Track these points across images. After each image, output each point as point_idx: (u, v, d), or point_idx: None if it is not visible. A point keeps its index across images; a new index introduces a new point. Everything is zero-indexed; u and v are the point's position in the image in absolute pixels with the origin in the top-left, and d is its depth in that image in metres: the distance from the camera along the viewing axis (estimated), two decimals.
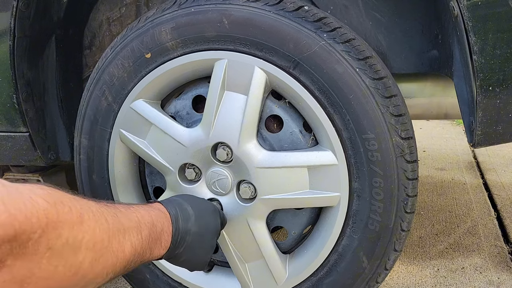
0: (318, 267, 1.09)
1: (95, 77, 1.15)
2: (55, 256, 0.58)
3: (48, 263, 0.58)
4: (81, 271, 0.63)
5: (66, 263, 0.60)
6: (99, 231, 0.66)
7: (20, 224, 0.53)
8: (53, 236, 0.57)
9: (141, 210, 0.83)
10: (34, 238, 0.55)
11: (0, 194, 0.52)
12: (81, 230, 0.62)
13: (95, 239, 0.65)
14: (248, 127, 1.04)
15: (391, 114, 0.98)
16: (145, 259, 0.81)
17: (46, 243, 0.56)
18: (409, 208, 1.02)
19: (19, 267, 0.54)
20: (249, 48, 1.01)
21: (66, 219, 0.60)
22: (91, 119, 1.18)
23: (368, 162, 0.99)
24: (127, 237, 0.73)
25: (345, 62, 0.97)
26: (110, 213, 0.72)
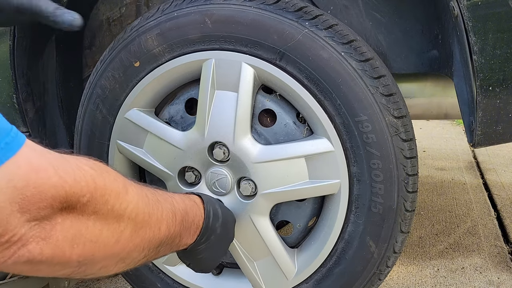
0: (327, 257, 1.09)
1: (88, 92, 1.17)
2: (100, 220, 0.61)
3: (94, 225, 0.60)
4: (122, 240, 0.66)
5: (110, 228, 0.63)
6: (141, 204, 0.69)
7: (70, 186, 0.55)
8: (100, 201, 0.60)
9: (176, 197, 0.86)
10: (82, 201, 0.58)
11: (49, 159, 0.55)
12: (125, 199, 0.65)
13: (137, 211, 0.68)
14: (242, 123, 1.04)
15: (381, 94, 0.98)
16: (174, 245, 0.83)
17: (93, 207, 0.59)
18: (410, 187, 1.01)
19: (68, 226, 0.57)
20: (234, 45, 1.02)
21: (112, 187, 0.63)
22: (88, 134, 1.19)
23: (364, 145, 0.99)
24: (164, 216, 0.76)
25: (329, 48, 0.97)
26: (150, 190, 0.75)
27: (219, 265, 1.25)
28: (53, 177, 0.54)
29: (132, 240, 0.68)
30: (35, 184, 0.53)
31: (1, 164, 0.50)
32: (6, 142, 0.51)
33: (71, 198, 0.56)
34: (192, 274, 1.23)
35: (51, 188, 0.54)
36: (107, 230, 0.63)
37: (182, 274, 1.23)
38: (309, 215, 1.13)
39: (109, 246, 0.64)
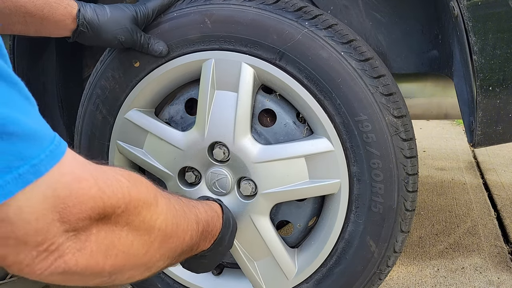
0: (327, 257, 1.09)
1: (88, 92, 1.17)
2: (132, 231, 0.62)
3: (126, 237, 0.61)
4: (151, 250, 0.66)
5: (141, 239, 0.64)
6: (169, 215, 0.70)
7: (108, 197, 0.56)
8: (133, 212, 0.61)
9: (200, 207, 0.87)
10: (117, 212, 0.59)
11: (90, 169, 0.56)
12: (156, 211, 0.66)
13: (167, 222, 0.69)
14: (241, 123, 1.04)
15: (381, 94, 0.98)
16: (192, 252, 0.84)
17: (126, 218, 0.60)
18: (410, 186, 1.01)
19: (103, 237, 0.58)
20: (233, 45, 1.02)
21: (145, 198, 0.64)
22: (88, 134, 1.19)
23: (364, 144, 0.99)
24: (189, 227, 0.77)
25: (329, 47, 0.97)
26: (176, 200, 0.76)
27: (219, 265, 1.25)
28: (93, 188, 0.54)
29: (159, 251, 0.69)
30: (77, 194, 0.53)
31: (47, 171, 0.50)
32: (51, 149, 0.51)
33: (108, 209, 0.57)
34: (193, 274, 1.23)
35: (91, 199, 0.54)
36: (138, 241, 0.63)
37: (182, 275, 1.23)
38: (309, 215, 1.13)
39: (139, 257, 0.64)
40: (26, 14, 0.88)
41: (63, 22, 0.93)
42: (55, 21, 0.92)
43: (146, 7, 1.02)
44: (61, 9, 0.92)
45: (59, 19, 0.92)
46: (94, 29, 0.96)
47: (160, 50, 1.04)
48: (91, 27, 0.95)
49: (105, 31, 0.97)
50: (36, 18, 0.89)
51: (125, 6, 1.00)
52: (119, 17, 0.97)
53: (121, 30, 0.98)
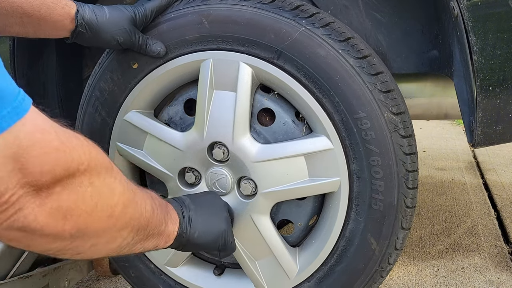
0: (328, 255, 1.09)
1: (87, 95, 1.17)
2: (95, 193, 0.63)
3: (90, 198, 0.62)
4: (115, 214, 0.67)
5: (104, 202, 0.65)
6: (125, 183, 0.71)
7: (70, 151, 0.58)
8: (95, 172, 0.63)
9: (145, 188, 0.86)
10: (80, 170, 0.60)
11: (52, 124, 0.57)
12: (112, 175, 0.68)
13: (124, 188, 0.70)
14: (240, 123, 1.04)
15: (379, 91, 0.98)
16: (162, 230, 0.84)
17: (89, 178, 0.61)
18: (410, 183, 1.01)
19: (66, 197, 0.59)
20: (231, 45, 1.02)
21: (104, 160, 0.66)
22: (88, 136, 1.17)
23: (363, 142, 0.99)
24: (145, 197, 0.78)
25: (326, 45, 0.97)
26: (124, 178, 0.76)
27: (220, 265, 1.25)
28: (55, 141, 0.56)
29: (123, 216, 0.69)
30: (40, 145, 0.54)
31: (9, 126, 0.51)
32: (14, 106, 0.52)
33: (71, 164, 0.58)
34: (194, 275, 1.23)
35: (54, 150, 0.55)
36: (102, 203, 0.64)
37: (183, 275, 1.23)
38: (310, 213, 1.13)
39: (102, 219, 0.65)
40: (23, 14, 0.88)
41: (61, 23, 0.93)
42: (53, 21, 0.92)
43: (145, 8, 1.02)
44: (58, 9, 0.92)
45: (57, 19, 0.92)
46: (92, 30, 0.96)
47: (158, 51, 1.04)
48: (89, 28, 0.95)
49: (103, 32, 0.97)
50: (33, 19, 0.90)
51: (123, 7, 1.00)
52: (117, 18, 0.97)
53: (120, 31, 0.98)
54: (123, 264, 1.27)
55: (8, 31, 0.91)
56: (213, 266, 1.25)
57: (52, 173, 0.56)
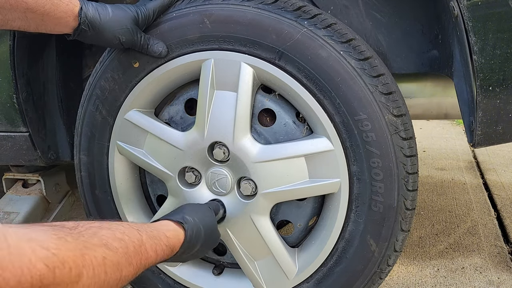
0: (327, 256, 1.09)
1: (88, 93, 1.17)
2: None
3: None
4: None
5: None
6: (93, 285, 0.64)
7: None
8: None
9: (152, 253, 0.79)
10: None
11: (1, 253, 0.52)
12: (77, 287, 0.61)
13: None
14: (241, 123, 1.04)
15: (380, 93, 0.98)
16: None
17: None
18: (410, 185, 1.01)
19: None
20: (233, 45, 1.02)
21: (62, 280, 0.58)
22: (88, 135, 1.19)
23: (364, 143, 0.99)
24: (122, 281, 0.72)
25: (328, 47, 0.97)
26: (114, 262, 0.70)
27: (219, 265, 1.25)
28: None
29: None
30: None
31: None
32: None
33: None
34: (193, 274, 1.23)
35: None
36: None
37: (183, 275, 1.23)
38: (310, 214, 1.13)
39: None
40: (27, 10, 0.88)
41: (64, 20, 0.93)
42: (56, 18, 0.92)
43: (147, 8, 1.02)
44: (62, 6, 0.91)
45: (61, 16, 0.92)
46: (95, 28, 0.96)
47: (160, 51, 1.04)
48: (92, 26, 0.95)
49: (106, 31, 0.97)
50: (37, 14, 0.89)
51: (126, 6, 1.00)
52: (120, 17, 0.97)
53: (122, 30, 0.98)
54: None
55: (10, 25, 0.90)
56: (212, 266, 1.25)
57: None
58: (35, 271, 0.54)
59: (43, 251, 0.56)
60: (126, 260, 0.72)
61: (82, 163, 1.22)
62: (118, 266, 0.70)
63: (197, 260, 1.26)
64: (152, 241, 0.80)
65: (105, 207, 1.23)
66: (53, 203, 1.60)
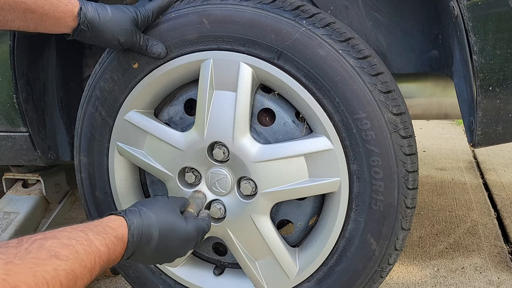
0: (328, 255, 1.09)
1: (87, 94, 1.17)
2: None
3: None
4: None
5: None
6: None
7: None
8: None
9: (102, 247, 0.77)
10: None
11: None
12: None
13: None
14: (241, 123, 1.04)
15: (379, 91, 0.98)
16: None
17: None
18: (410, 184, 1.01)
19: None
20: (232, 45, 1.02)
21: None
22: (88, 136, 1.19)
23: (363, 142, 0.99)
24: (80, 286, 0.71)
25: (327, 46, 0.97)
26: (67, 271, 0.68)
27: (220, 265, 1.25)
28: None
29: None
30: None
31: None
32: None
33: None
34: (194, 275, 1.23)
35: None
36: None
37: (183, 275, 1.23)
38: (310, 213, 1.13)
39: None
40: (26, 10, 0.88)
41: (64, 20, 0.93)
42: (56, 18, 0.92)
43: (146, 9, 1.02)
44: (62, 6, 0.91)
45: (60, 16, 0.92)
46: (94, 28, 0.96)
47: (159, 52, 1.05)
48: (91, 26, 0.95)
49: (105, 31, 0.97)
50: (36, 15, 0.89)
51: (125, 7, 1.00)
52: (120, 18, 0.97)
53: (122, 31, 0.98)
54: (123, 264, 1.27)
55: (10, 26, 0.90)
56: (213, 266, 1.25)
57: None
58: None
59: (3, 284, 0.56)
60: (80, 265, 0.71)
61: (82, 164, 1.22)
62: (72, 273, 0.69)
63: (198, 260, 1.26)
64: (99, 237, 0.79)
65: (105, 208, 1.23)
66: (53, 203, 1.60)
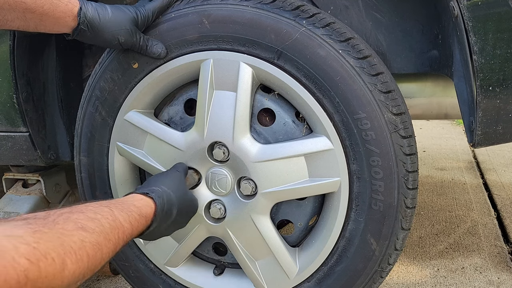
0: (328, 255, 1.09)
1: (87, 94, 1.17)
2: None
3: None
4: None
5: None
6: (79, 270, 0.66)
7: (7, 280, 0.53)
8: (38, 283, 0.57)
9: (126, 224, 0.81)
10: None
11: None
12: (62, 276, 0.62)
13: (75, 278, 0.65)
14: (241, 123, 1.04)
15: (379, 91, 0.98)
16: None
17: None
18: (410, 183, 1.01)
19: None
20: (232, 45, 1.02)
21: (48, 272, 0.60)
22: (88, 136, 1.19)
23: (363, 142, 0.99)
24: (104, 258, 0.73)
25: (327, 46, 0.97)
26: (93, 243, 0.71)
27: (220, 265, 1.25)
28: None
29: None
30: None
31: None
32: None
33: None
34: (194, 275, 1.23)
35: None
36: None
37: (183, 275, 1.23)
38: (310, 213, 1.13)
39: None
40: (26, 10, 0.88)
41: (63, 20, 0.93)
42: (55, 18, 0.92)
43: (146, 9, 1.02)
44: (62, 6, 0.91)
45: (59, 16, 0.92)
46: (94, 28, 0.96)
47: (159, 52, 1.05)
48: (91, 26, 0.95)
49: (105, 31, 0.97)
50: (36, 15, 0.89)
51: (125, 7, 1.00)
52: (120, 18, 0.97)
53: (122, 31, 0.98)
54: (123, 264, 1.27)
55: (9, 25, 0.90)
56: (213, 266, 1.25)
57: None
58: (19, 267, 0.55)
59: (23, 247, 0.57)
60: (105, 238, 0.74)
61: (82, 164, 1.22)
62: (98, 245, 0.72)
63: (198, 260, 1.26)
64: (124, 214, 0.82)
65: None
66: (53, 203, 1.59)
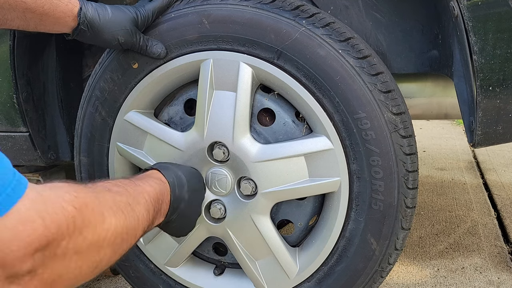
0: (328, 255, 1.09)
1: (87, 94, 1.17)
2: (81, 258, 0.62)
3: (75, 265, 0.61)
4: (101, 265, 0.67)
5: (90, 261, 0.64)
6: (118, 225, 0.70)
7: (53, 234, 0.56)
8: (80, 240, 0.61)
9: (147, 187, 0.86)
10: (63, 245, 0.58)
11: (38, 208, 0.55)
12: (103, 228, 0.66)
13: (116, 234, 0.69)
14: (241, 123, 1.04)
15: (379, 91, 0.98)
16: (147, 231, 0.85)
17: (73, 247, 0.60)
18: (410, 183, 1.01)
19: (49, 273, 0.57)
20: (231, 45, 1.02)
21: (90, 221, 0.63)
22: (88, 136, 1.19)
23: (363, 142, 0.99)
24: (140, 222, 0.77)
25: (327, 45, 0.97)
26: (124, 202, 0.74)
27: (220, 265, 1.25)
28: (39, 229, 0.54)
29: (110, 262, 0.69)
30: (21, 237, 0.53)
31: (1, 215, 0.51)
32: (7, 193, 0.52)
33: (52, 243, 0.56)
34: (194, 275, 1.23)
35: (35, 240, 0.54)
36: (87, 264, 0.64)
37: (183, 275, 1.23)
38: (310, 213, 1.13)
39: (87, 274, 0.65)
40: (26, 10, 0.88)
41: (63, 20, 0.93)
42: (55, 17, 0.92)
43: (146, 9, 1.02)
44: (62, 6, 0.91)
45: (59, 16, 0.92)
46: (94, 29, 0.96)
47: (159, 52, 1.05)
48: (91, 26, 0.95)
49: (105, 31, 0.97)
50: (36, 14, 0.89)
51: (125, 7, 1.00)
52: (120, 18, 0.98)
53: (121, 31, 0.98)
54: (123, 264, 1.27)
55: (9, 25, 0.90)
56: (213, 266, 1.25)
57: (32, 262, 0.54)
58: (67, 213, 0.59)
59: (67, 195, 0.60)
60: (134, 200, 0.78)
61: (82, 164, 1.22)
62: (130, 205, 0.76)
63: (198, 260, 1.26)
64: (144, 180, 0.88)
65: None
66: None
